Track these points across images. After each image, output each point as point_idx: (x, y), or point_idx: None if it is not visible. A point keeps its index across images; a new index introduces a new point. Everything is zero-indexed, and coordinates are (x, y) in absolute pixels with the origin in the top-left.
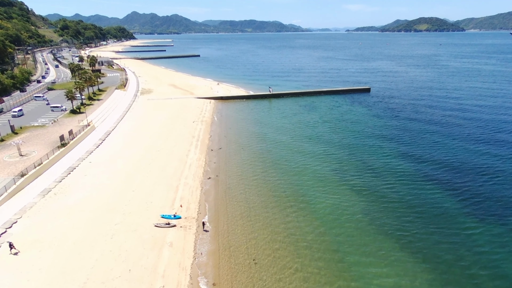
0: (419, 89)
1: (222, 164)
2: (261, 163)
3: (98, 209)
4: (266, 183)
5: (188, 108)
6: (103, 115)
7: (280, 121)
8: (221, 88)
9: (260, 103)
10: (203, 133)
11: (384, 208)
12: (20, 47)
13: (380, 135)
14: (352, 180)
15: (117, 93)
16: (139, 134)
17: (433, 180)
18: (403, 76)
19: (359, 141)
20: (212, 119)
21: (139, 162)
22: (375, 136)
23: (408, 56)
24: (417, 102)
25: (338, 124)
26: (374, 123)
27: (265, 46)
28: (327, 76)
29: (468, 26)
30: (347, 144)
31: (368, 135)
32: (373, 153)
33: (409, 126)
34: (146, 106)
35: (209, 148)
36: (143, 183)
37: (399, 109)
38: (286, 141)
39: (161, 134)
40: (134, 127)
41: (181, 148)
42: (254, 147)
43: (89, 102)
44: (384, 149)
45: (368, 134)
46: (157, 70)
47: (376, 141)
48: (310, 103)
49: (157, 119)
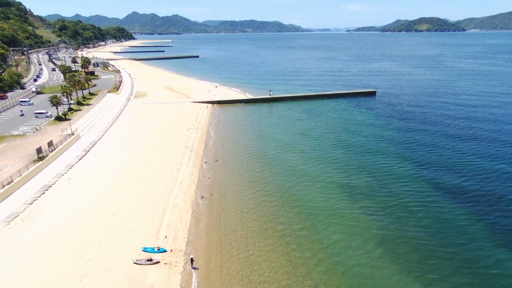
0: (426, 92)
1: (218, 180)
2: (260, 179)
3: (71, 240)
4: (265, 205)
5: (183, 113)
6: (90, 122)
7: (281, 129)
8: (219, 91)
9: (260, 107)
10: (197, 142)
11: (404, 240)
12: (16, 48)
13: (391, 145)
14: (365, 205)
15: (109, 97)
16: (127, 144)
17: (456, 204)
18: (408, 78)
19: (370, 155)
20: (208, 126)
21: (125, 178)
22: (386, 147)
23: (411, 57)
24: (426, 106)
25: (344, 133)
26: (383, 132)
27: (265, 46)
28: (329, 78)
29: (469, 26)
30: (357, 159)
31: (378, 147)
32: (387, 169)
33: (421, 135)
34: (139, 112)
35: (204, 161)
36: (125, 205)
37: (408, 115)
38: (288, 152)
39: (151, 144)
40: (123, 135)
41: (172, 160)
42: (253, 159)
43: (77, 107)
44: (401, 165)
45: (377, 145)
46: (154, 71)
47: (389, 154)
48: (312, 108)
49: (148, 127)
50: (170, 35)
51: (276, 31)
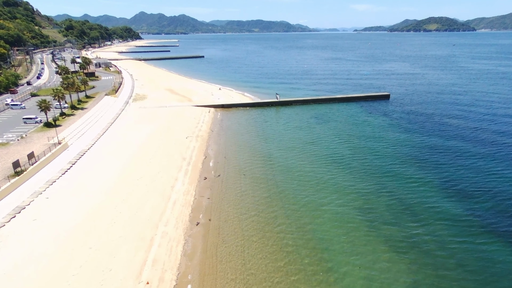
0: (443, 95)
1: (217, 200)
2: (267, 200)
3: (31, 285)
4: (271, 236)
5: (183, 118)
6: (82, 129)
7: (289, 137)
8: (222, 94)
9: (266, 112)
10: (196, 153)
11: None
12: (21, 47)
13: (416, 160)
14: (390, 238)
15: (106, 100)
16: (119, 155)
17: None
18: (421, 80)
19: (389, 167)
20: (209, 133)
21: (110, 198)
22: (409, 161)
23: (423, 57)
24: (445, 112)
25: (359, 144)
26: (402, 143)
27: (272, 46)
28: (339, 79)
29: (479, 26)
30: (374, 172)
31: (400, 162)
32: (409, 186)
33: (441, 143)
34: (136, 117)
35: (202, 176)
36: (107, 235)
37: (426, 121)
38: (296, 166)
39: (145, 155)
40: (115, 144)
41: (166, 175)
42: (258, 173)
43: (70, 111)
44: (425, 181)
45: (399, 159)
46: (157, 72)
47: (414, 172)
48: (322, 113)
49: (144, 134)
50: (177, 35)
51: (283, 31)
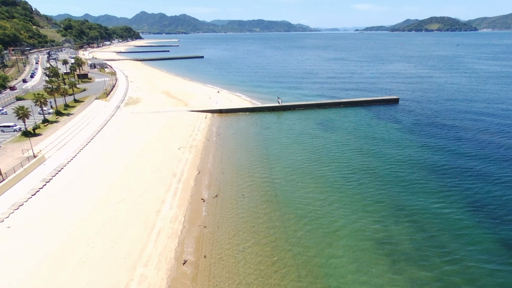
0: (454, 98)
1: (210, 230)
2: (269, 227)
3: None
4: (275, 272)
5: (178, 125)
6: (64, 138)
7: (293, 148)
8: (221, 97)
9: (267, 117)
10: (189, 167)
11: None
12: (16, 47)
13: (432, 172)
14: (415, 275)
15: (96, 105)
16: (100, 171)
17: None
18: (429, 82)
19: (409, 187)
20: (205, 143)
21: (82, 228)
22: (427, 177)
23: (427, 58)
24: (458, 116)
25: (370, 155)
26: (417, 153)
27: (273, 46)
28: (342, 81)
29: (480, 25)
30: (391, 192)
31: (417, 175)
32: (433, 210)
33: (465, 157)
34: (126, 124)
35: (194, 196)
36: (70, 282)
37: (441, 129)
38: (301, 182)
39: (131, 171)
40: (98, 158)
41: (153, 196)
42: (258, 192)
43: (55, 118)
44: (451, 204)
45: (416, 173)
46: (154, 73)
47: (432, 187)
48: (328, 119)
49: (133, 145)
50: (178, 34)
51: (284, 30)
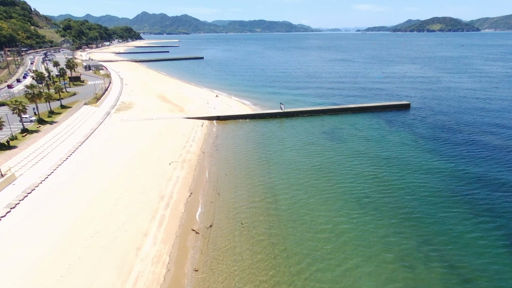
0: (468, 103)
1: (202, 274)
2: (269, 266)
3: None
4: None
5: (171, 135)
6: (42, 152)
7: (297, 163)
8: (219, 102)
9: (269, 125)
10: (180, 187)
11: None
12: (12, 48)
13: (457, 194)
14: None
15: (83, 111)
16: (76, 194)
17: None
18: (438, 85)
19: (431, 211)
20: (200, 156)
21: (41, 275)
22: (452, 198)
23: (433, 59)
24: (475, 123)
25: (384, 171)
26: (435, 168)
27: (274, 46)
28: (347, 84)
29: (483, 26)
30: (409, 217)
31: (439, 196)
32: (463, 241)
33: (490, 172)
34: (114, 133)
35: (184, 226)
36: None
37: (460, 139)
38: (307, 205)
39: (111, 193)
40: (77, 176)
41: (134, 227)
42: (259, 218)
43: (36, 127)
44: (482, 234)
45: (437, 193)
46: (151, 75)
47: (458, 211)
48: (334, 127)
49: (119, 159)
50: (179, 35)
51: (285, 31)
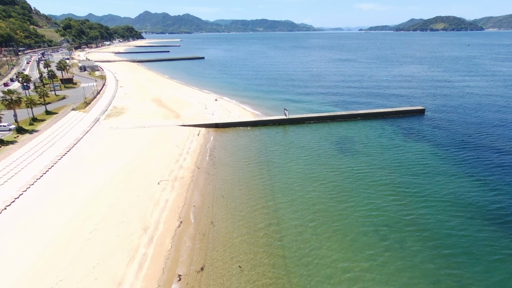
0: (484, 107)
1: None
2: None
3: None
4: None
5: (163, 145)
6: (14, 168)
7: (305, 180)
8: (218, 107)
9: (272, 133)
10: (168, 214)
11: None
12: (9, 47)
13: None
14: None
15: (70, 118)
16: (42, 226)
17: None
18: (451, 87)
19: (462, 239)
20: (194, 172)
21: None
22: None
23: (440, 59)
24: (496, 131)
25: (406, 192)
26: (463, 183)
27: (276, 46)
28: (353, 85)
29: (486, 25)
30: (436, 243)
31: (468, 218)
32: None
33: None
34: (101, 144)
35: (169, 269)
36: None
37: (485, 147)
38: (317, 239)
39: (84, 225)
40: (47, 201)
41: (105, 274)
42: (260, 255)
43: (13, 137)
44: None
45: (468, 215)
46: (149, 76)
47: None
48: (343, 136)
49: (98, 179)
50: (181, 34)
51: (288, 30)
